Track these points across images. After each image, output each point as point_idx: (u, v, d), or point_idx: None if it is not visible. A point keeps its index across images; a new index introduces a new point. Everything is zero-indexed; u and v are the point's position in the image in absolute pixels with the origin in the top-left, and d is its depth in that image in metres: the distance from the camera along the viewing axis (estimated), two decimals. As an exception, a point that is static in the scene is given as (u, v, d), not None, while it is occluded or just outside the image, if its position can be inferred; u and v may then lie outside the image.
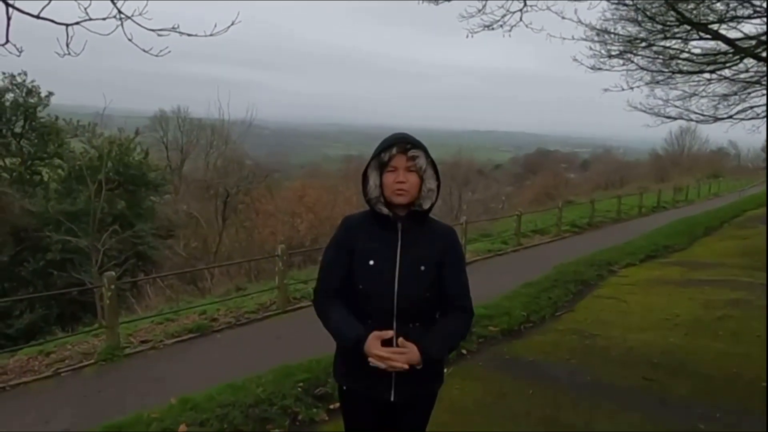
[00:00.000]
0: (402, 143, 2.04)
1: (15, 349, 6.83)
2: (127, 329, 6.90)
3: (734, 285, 8.42)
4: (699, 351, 5.55)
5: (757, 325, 6.05)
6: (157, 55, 3.99)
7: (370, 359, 1.92)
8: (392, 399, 2.08)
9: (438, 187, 2.11)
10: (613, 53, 9.71)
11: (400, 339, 1.97)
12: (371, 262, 2.05)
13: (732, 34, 9.01)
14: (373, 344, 1.93)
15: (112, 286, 6.22)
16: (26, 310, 14.44)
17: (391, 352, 1.91)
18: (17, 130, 18.73)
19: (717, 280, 8.90)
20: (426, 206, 2.11)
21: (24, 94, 18.64)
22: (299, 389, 4.31)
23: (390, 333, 1.97)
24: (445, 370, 2.29)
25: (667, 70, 10.47)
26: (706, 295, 7.90)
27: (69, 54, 3.69)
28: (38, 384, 5.46)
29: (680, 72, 10.52)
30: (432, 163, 2.08)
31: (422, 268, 2.06)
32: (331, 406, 4.20)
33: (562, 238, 14.70)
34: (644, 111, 11.73)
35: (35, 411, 4.87)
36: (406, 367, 1.91)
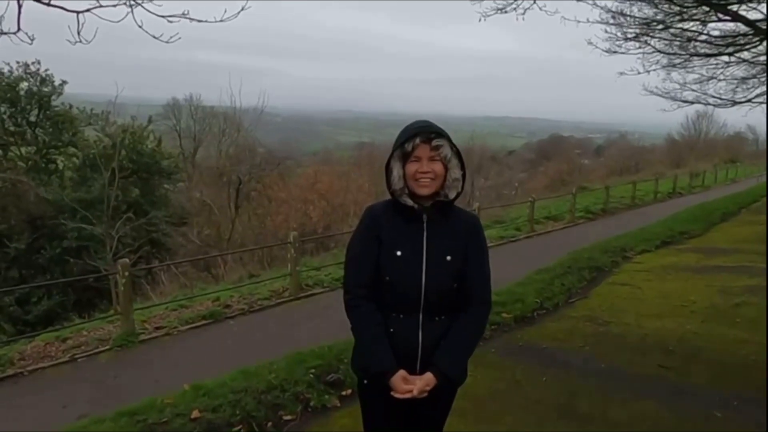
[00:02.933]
0: (425, 132, 1.98)
1: (33, 335, 6.94)
2: (142, 316, 6.97)
3: (752, 271, 8.28)
4: (716, 338, 5.47)
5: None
6: (167, 42, 3.96)
7: (398, 394, 1.97)
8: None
9: (463, 176, 2.07)
10: (629, 36, 9.52)
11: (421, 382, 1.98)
12: (398, 253, 2.02)
13: (752, 15, 8.78)
14: (398, 384, 1.97)
15: (126, 273, 6.27)
16: (44, 297, 14.66)
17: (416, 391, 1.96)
18: (32, 118, 18.89)
19: (734, 267, 8.77)
20: (451, 196, 2.06)
21: (38, 83, 18.76)
22: (311, 376, 4.31)
23: (414, 380, 1.99)
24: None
25: (684, 52, 10.26)
26: (723, 281, 7.78)
27: (80, 41, 3.68)
28: (55, 369, 5.54)
29: (698, 54, 10.30)
30: (457, 152, 2.03)
31: (448, 258, 2.03)
32: (344, 393, 4.21)
33: (575, 224, 14.58)
34: (660, 95, 11.55)
35: (52, 396, 4.94)
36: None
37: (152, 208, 17.94)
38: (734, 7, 8.55)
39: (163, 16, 3.59)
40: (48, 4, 3.44)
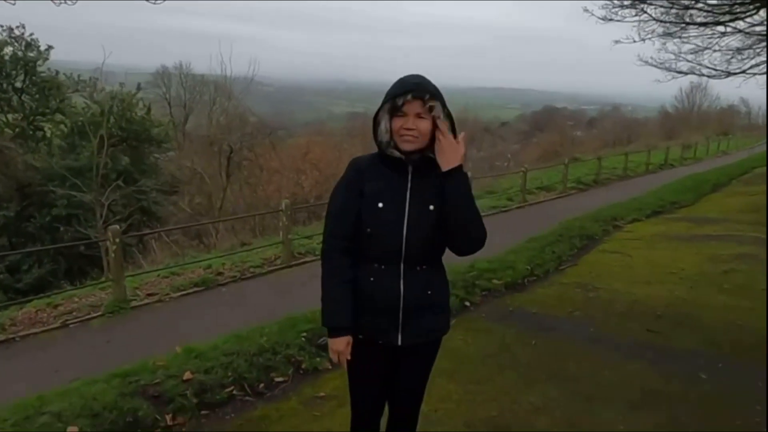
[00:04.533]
0: (419, 91, 1.94)
1: (24, 302, 6.91)
2: (134, 283, 6.96)
3: (741, 240, 8.37)
4: (704, 304, 5.54)
5: (763, 279, 6.02)
6: (155, 3, 3.88)
7: (330, 351, 2.08)
8: (399, 343, 2.07)
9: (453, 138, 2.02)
10: (625, 3, 9.42)
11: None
12: (380, 205, 2.01)
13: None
14: (339, 343, 2.04)
15: (117, 240, 6.22)
16: (34, 265, 14.60)
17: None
18: (18, 85, 18.49)
19: (723, 235, 8.85)
20: None
21: (23, 48, 18.32)
22: (303, 339, 4.34)
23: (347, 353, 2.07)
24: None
25: (680, 21, 10.16)
26: (712, 249, 7.86)
27: (65, 2, 3.58)
28: (47, 335, 5.54)
29: (694, 23, 10.22)
30: (449, 115, 2.00)
31: (431, 207, 2.01)
32: (335, 356, 4.23)
33: (567, 194, 14.62)
34: (655, 66, 11.50)
35: (45, 360, 4.95)
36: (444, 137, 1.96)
37: (142, 177, 17.78)
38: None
39: (149, -25, 3.49)
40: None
